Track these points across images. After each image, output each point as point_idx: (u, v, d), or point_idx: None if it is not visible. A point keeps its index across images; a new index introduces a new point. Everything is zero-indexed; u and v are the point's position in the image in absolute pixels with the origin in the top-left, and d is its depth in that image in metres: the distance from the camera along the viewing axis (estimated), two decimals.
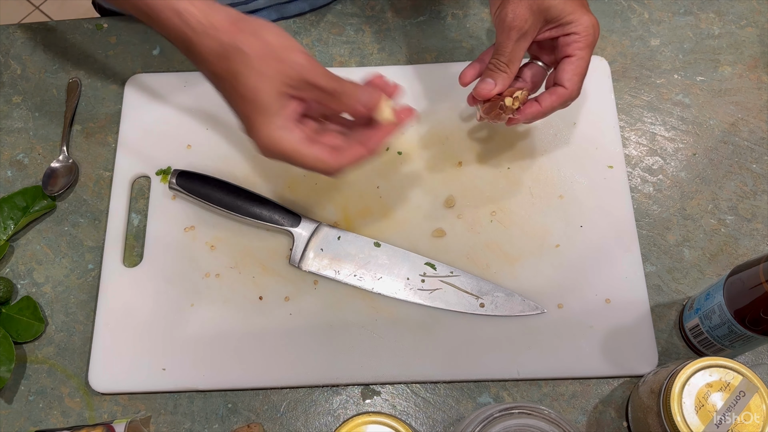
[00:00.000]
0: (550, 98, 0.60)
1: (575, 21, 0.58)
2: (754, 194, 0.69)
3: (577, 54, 0.59)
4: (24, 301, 0.66)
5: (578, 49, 0.59)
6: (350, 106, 0.54)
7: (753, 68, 0.75)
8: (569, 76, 0.59)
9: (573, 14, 0.58)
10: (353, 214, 0.69)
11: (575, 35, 0.59)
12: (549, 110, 0.61)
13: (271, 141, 0.52)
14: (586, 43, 0.59)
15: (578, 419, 0.61)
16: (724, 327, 0.56)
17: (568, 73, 0.59)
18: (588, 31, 0.58)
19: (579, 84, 0.60)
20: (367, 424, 0.50)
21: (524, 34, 0.58)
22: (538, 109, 0.60)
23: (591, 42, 0.59)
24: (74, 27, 0.80)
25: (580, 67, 0.59)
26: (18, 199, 0.70)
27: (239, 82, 0.51)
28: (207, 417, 0.63)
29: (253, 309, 0.65)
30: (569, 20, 0.58)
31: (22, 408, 0.64)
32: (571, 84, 0.59)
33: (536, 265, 0.66)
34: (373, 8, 0.80)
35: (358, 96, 0.53)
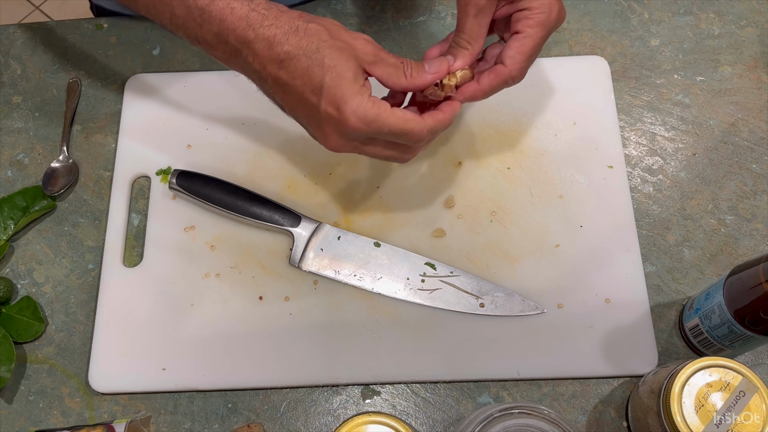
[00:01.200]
0: (489, 77, 0.56)
1: None
2: (754, 194, 0.69)
3: (525, 31, 0.55)
4: (24, 301, 0.66)
5: (527, 26, 0.55)
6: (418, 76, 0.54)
7: (753, 68, 0.75)
8: (511, 53, 0.55)
9: None
10: (353, 214, 0.69)
11: (526, 11, 0.54)
12: (488, 89, 0.57)
13: (365, 106, 0.51)
14: (537, 21, 0.54)
15: (578, 419, 0.61)
16: (724, 327, 0.56)
17: (511, 50, 0.55)
18: (542, 8, 0.54)
19: (521, 63, 0.55)
20: (367, 424, 0.50)
21: (481, 9, 0.55)
22: (475, 87, 0.56)
23: (543, 20, 0.55)
24: (74, 27, 0.80)
25: (525, 46, 0.55)
26: (18, 199, 0.70)
27: (321, 53, 0.50)
28: (207, 417, 0.63)
29: (253, 309, 0.65)
30: None
31: (22, 408, 0.64)
32: (512, 62, 0.55)
33: (536, 265, 0.66)
34: (373, 8, 0.80)
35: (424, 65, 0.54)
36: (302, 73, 0.51)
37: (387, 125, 0.51)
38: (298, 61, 0.51)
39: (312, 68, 0.50)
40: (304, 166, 0.71)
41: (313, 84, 0.51)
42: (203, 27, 0.52)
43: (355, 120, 0.51)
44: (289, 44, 0.50)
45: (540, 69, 0.74)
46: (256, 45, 0.51)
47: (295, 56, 0.50)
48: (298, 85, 0.51)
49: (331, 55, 0.50)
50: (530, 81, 0.73)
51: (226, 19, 0.51)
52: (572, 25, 0.78)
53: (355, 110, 0.50)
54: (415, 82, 0.54)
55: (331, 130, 0.53)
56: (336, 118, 0.51)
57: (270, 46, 0.51)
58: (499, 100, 0.69)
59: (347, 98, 0.50)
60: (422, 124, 0.53)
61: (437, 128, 0.54)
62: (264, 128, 0.73)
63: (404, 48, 0.77)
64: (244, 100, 0.74)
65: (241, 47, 0.52)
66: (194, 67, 0.77)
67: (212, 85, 0.75)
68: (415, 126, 0.52)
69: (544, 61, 0.75)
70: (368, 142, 0.54)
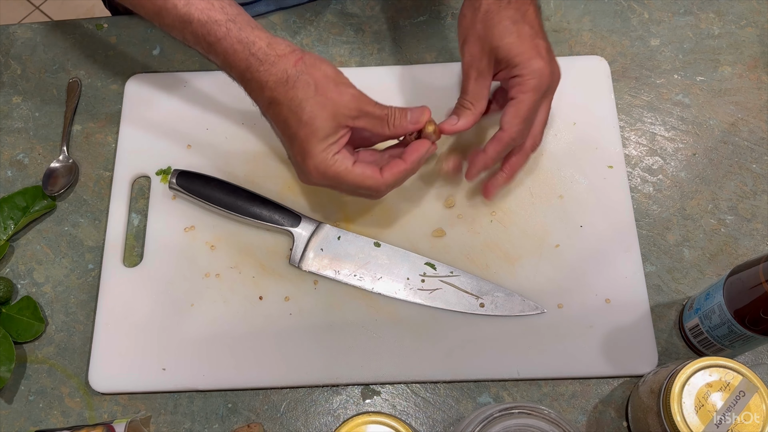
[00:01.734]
0: (492, 145, 0.60)
1: (521, 64, 0.57)
2: (754, 194, 0.69)
3: (518, 97, 0.58)
4: (24, 301, 0.66)
5: (520, 92, 0.58)
6: (400, 126, 0.58)
7: (753, 68, 0.75)
8: (508, 118, 0.59)
9: (520, 56, 0.57)
10: (353, 214, 0.69)
11: (519, 78, 0.58)
12: (495, 156, 0.61)
13: (326, 164, 0.56)
14: (529, 87, 0.58)
15: (578, 419, 0.61)
16: (724, 327, 0.56)
17: (507, 116, 0.59)
18: (533, 75, 0.57)
19: (518, 127, 0.59)
20: (367, 424, 0.50)
21: (481, 73, 0.59)
22: (483, 156, 0.61)
23: (535, 86, 0.58)
24: (74, 27, 0.80)
25: (520, 111, 0.58)
26: (18, 199, 0.70)
27: (301, 108, 0.55)
28: (207, 417, 0.63)
29: (253, 309, 0.65)
30: (515, 63, 0.58)
31: (22, 408, 0.64)
32: (509, 127, 0.59)
33: (536, 265, 0.66)
34: (373, 8, 0.80)
35: (406, 114, 0.58)
36: (283, 120, 0.57)
37: (345, 182, 0.58)
38: (281, 109, 0.56)
39: (290, 120, 0.56)
40: None
41: (289, 133, 0.57)
42: (210, 56, 0.59)
43: (316, 174, 0.57)
44: (277, 92, 0.56)
45: None
46: (252, 84, 0.57)
47: (280, 104, 0.56)
48: (280, 128, 0.58)
49: (309, 111, 0.55)
50: None
51: (228, 58, 0.57)
52: (572, 25, 0.78)
53: (317, 166, 0.57)
54: (396, 132, 0.59)
55: (299, 172, 0.60)
56: (301, 166, 0.58)
57: (261, 89, 0.57)
58: None
59: (312, 155, 0.56)
60: (379, 181, 0.58)
61: (396, 181, 0.59)
62: (264, 128, 0.73)
63: (404, 48, 0.77)
64: (244, 100, 0.74)
65: (240, 81, 0.58)
66: (194, 67, 0.77)
67: (212, 85, 0.75)
68: (373, 183, 0.58)
69: None
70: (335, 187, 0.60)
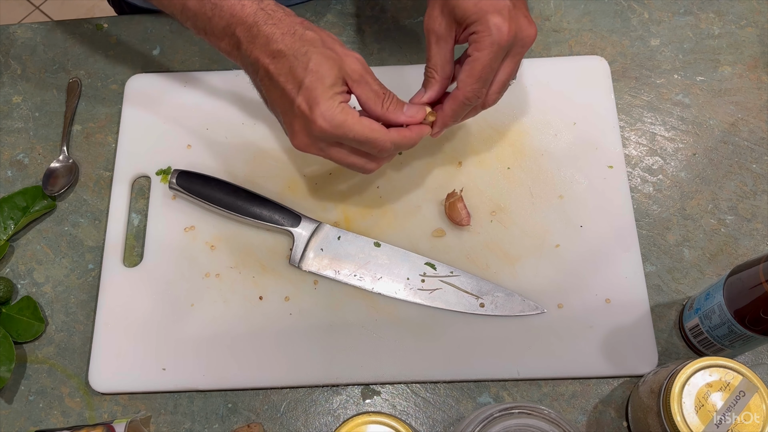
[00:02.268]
0: (448, 103, 0.59)
1: (478, 20, 0.55)
2: (754, 194, 0.69)
3: (473, 54, 0.56)
4: (24, 301, 0.66)
5: (475, 50, 0.56)
6: (393, 112, 0.57)
7: (753, 68, 0.75)
8: (462, 77, 0.57)
9: (477, 14, 0.55)
10: (353, 214, 0.69)
11: (475, 35, 0.55)
12: (450, 114, 0.59)
13: (333, 111, 0.54)
14: (485, 44, 0.55)
15: (578, 419, 0.61)
16: (724, 327, 0.56)
17: (462, 74, 0.57)
18: (488, 31, 0.55)
19: (473, 86, 0.57)
20: (367, 424, 0.50)
21: (440, 36, 0.57)
22: (441, 114, 0.59)
23: (490, 43, 0.55)
24: (74, 27, 0.80)
25: (474, 69, 0.56)
26: (18, 199, 0.70)
27: (308, 57, 0.54)
28: (207, 417, 0.63)
29: (253, 309, 0.65)
30: (473, 20, 0.55)
31: (22, 408, 0.64)
32: (463, 85, 0.57)
33: (536, 265, 0.66)
34: (373, 8, 0.80)
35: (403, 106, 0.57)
36: (287, 70, 0.55)
37: (352, 131, 0.55)
38: (286, 60, 0.55)
39: (296, 68, 0.54)
40: (304, 166, 0.71)
41: (294, 81, 0.55)
42: (213, 20, 0.57)
43: (323, 121, 0.54)
44: (284, 43, 0.55)
45: (540, 69, 0.74)
46: (258, 39, 0.55)
47: (285, 55, 0.55)
48: (282, 80, 0.55)
49: (316, 60, 0.54)
50: (530, 81, 0.73)
51: (236, 14, 0.56)
52: (572, 25, 0.78)
53: (324, 113, 0.54)
54: (388, 116, 0.57)
55: (300, 128, 0.56)
56: (306, 116, 0.55)
57: (267, 42, 0.55)
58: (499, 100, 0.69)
59: (320, 100, 0.54)
60: (387, 136, 0.56)
61: (401, 143, 0.57)
62: (264, 128, 0.73)
63: (404, 48, 0.77)
64: (244, 100, 0.74)
65: (243, 39, 0.56)
66: (194, 67, 0.77)
67: (212, 85, 0.75)
68: (380, 136, 0.56)
69: (544, 61, 0.75)
70: (333, 146, 0.57)
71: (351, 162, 0.59)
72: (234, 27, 0.56)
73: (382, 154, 0.58)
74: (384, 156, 0.59)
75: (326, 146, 0.57)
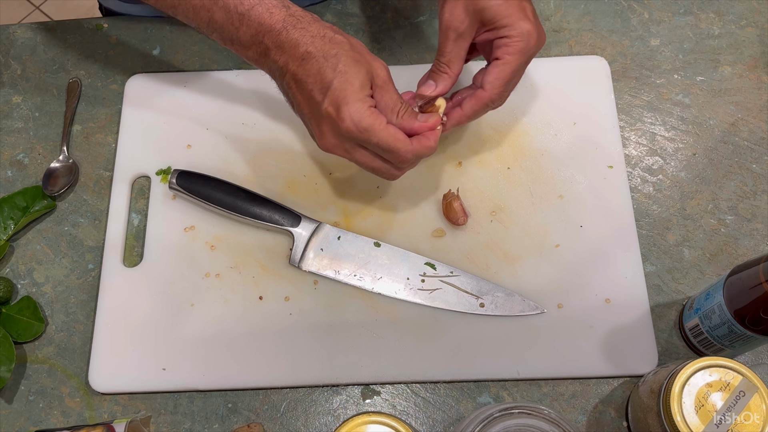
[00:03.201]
0: (470, 102, 0.60)
1: (510, 25, 0.57)
2: (754, 194, 0.69)
3: (504, 58, 0.58)
4: (24, 301, 0.66)
5: (506, 54, 0.57)
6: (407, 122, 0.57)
7: (753, 68, 0.75)
8: (491, 79, 0.58)
9: (508, 18, 0.57)
10: (353, 214, 0.69)
11: (506, 39, 0.57)
12: (471, 114, 0.60)
13: (361, 113, 0.54)
14: (516, 49, 0.57)
15: (578, 419, 0.61)
16: (724, 327, 0.56)
17: (491, 76, 0.58)
18: (521, 37, 0.57)
19: (500, 89, 0.58)
20: (367, 424, 0.51)
21: (461, 34, 0.58)
22: (459, 113, 0.60)
23: (522, 48, 0.57)
24: (74, 27, 0.80)
25: (504, 72, 0.58)
26: (18, 199, 0.70)
27: (337, 58, 0.55)
28: (207, 417, 0.63)
29: (253, 309, 0.65)
30: (503, 24, 0.57)
31: (22, 408, 0.64)
32: (491, 87, 0.58)
33: (536, 265, 0.66)
34: (373, 8, 0.80)
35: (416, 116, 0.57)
36: (315, 72, 0.55)
37: (377, 137, 0.55)
38: (315, 61, 0.55)
39: (325, 69, 0.55)
40: (304, 166, 0.71)
41: (322, 83, 0.55)
42: (240, 30, 0.57)
43: (350, 123, 0.55)
44: (313, 46, 0.55)
45: (540, 69, 0.74)
46: (286, 44, 0.56)
47: (314, 57, 0.55)
48: (310, 82, 0.55)
49: (345, 62, 0.55)
50: (530, 81, 0.74)
51: (264, 22, 0.56)
52: (572, 25, 0.78)
53: (352, 114, 0.54)
54: (402, 124, 0.57)
55: (327, 129, 0.57)
56: (333, 118, 0.55)
57: (296, 45, 0.55)
58: None
59: (348, 101, 0.54)
60: (409, 147, 0.57)
61: (422, 153, 0.58)
62: (264, 128, 0.73)
63: (404, 48, 0.77)
64: (244, 100, 0.74)
65: (272, 46, 0.56)
66: (194, 67, 0.77)
67: (212, 85, 0.75)
68: (403, 146, 0.56)
69: (544, 61, 0.75)
70: (359, 148, 0.58)
71: (376, 167, 0.59)
72: (262, 35, 0.56)
73: (403, 165, 0.58)
74: (405, 166, 0.59)
75: (352, 148, 0.57)
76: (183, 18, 0.60)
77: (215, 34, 0.59)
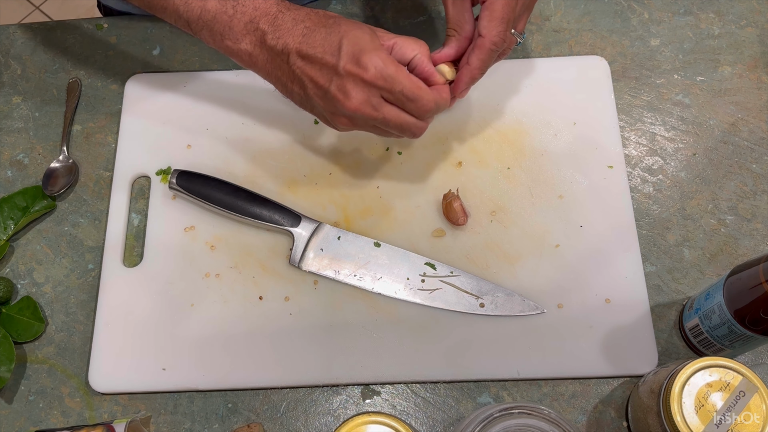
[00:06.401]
0: (474, 53, 0.58)
1: None
2: (754, 194, 0.69)
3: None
4: (24, 301, 0.66)
5: None
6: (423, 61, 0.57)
7: (753, 68, 0.75)
8: (485, 22, 0.57)
9: None
10: (353, 214, 0.69)
11: None
12: (480, 65, 0.59)
13: (384, 61, 0.54)
14: None
15: (578, 419, 0.61)
16: (724, 327, 0.56)
17: (484, 20, 0.57)
18: None
19: (497, 29, 0.57)
20: (367, 424, 0.50)
21: None
22: (468, 69, 0.59)
23: None
24: (74, 27, 0.80)
25: (495, 11, 0.56)
26: (18, 199, 0.70)
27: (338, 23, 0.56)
28: (207, 417, 0.63)
29: (253, 309, 0.65)
30: None
31: (22, 408, 0.64)
32: (487, 30, 0.57)
33: (536, 265, 0.66)
34: (373, 8, 0.80)
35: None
36: (321, 40, 0.55)
37: (401, 84, 0.54)
38: (317, 33, 0.56)
39: (330, 35, 0.55)
40: (304, 166, 0.71)
41: (332, 47, 0.55)
42: (234, 18, 0.57)
43: (374, 71, 0.54)
44: (310, 21, 0.56)
45: (540, 69, 0.74)
46: (284, 25, 0.56)
47: (315, 29, 0.56)
48: (319, 51, 0.55)
49: (347, 24, 0.56)
50: (530, 81, 0.74)
51: (260, 6, 0.57)
52: (572, 25, 0.78)
53: (374, 62, 0.54)
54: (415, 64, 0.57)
55: (351, 86, 0.55)
56: (355, 72, 0.54)
57: (293, 24, 0.56)
58: (499, 100, 0.69)
59: (366, 51, 0.54)
60: (431, 95, 0.56)
61: (441, 105, 0.58)
62: (264, 128, 0.73)
63: None
64: (244, 100, 0.74)
65: (268, 30, 0.57)
66: (194, 67, 0.77)
67: (212, 85, 0.75)
68: (426, 94, 0.56)
69: (544, 61, 0.75)
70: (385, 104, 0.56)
71: (403, 121, 0.57)
72: (258, 20, 0.57)
73: (426, 114, 0.57)
74: (427, 117, 0.58)
75: (379, 103, 0.56)
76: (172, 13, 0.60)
77: (205, 29, 0.59)
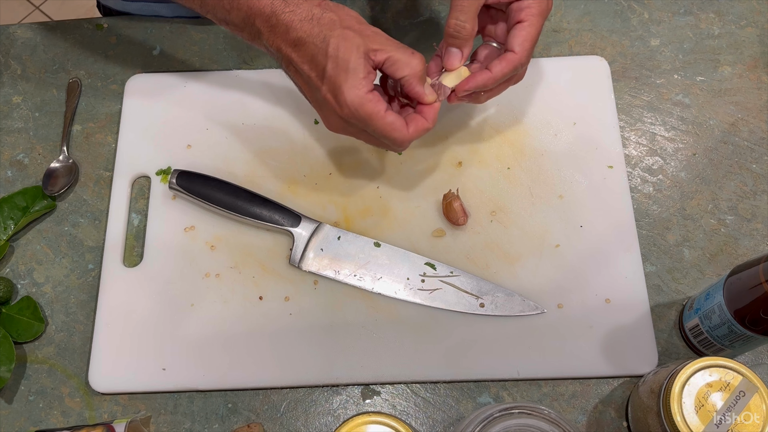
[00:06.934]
0: (500, 64, 0.60)
1: None
2: (754, 194, 0.69)
3: (529, 20, 0.59)
4: (24, 301, 0.66)
5: (531, 15, 0.59)
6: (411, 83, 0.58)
7: (753, 68, 0.75)
8: (520, 41, 0.59)
9: None
10: (353, 214, 0.69)
11: (527, 1, 0.59)
12: (499, 76, 0.60)
13: (360, 100, 0.55)
14: (539, 10, 0.59)
15: (578, 419, 0.61)
16: (724, 327, 0.56)
17: (519, 38, 0.59)
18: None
19: (529, 50, 0.60)
20: (367, 424, 0.50)
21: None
22: (488, 75, 0.60)
23: (543, 9, 0.59)
24: (74, 27, 0.80)
25: (531, 34, 0.59)
26: (18, 199, 0.70)
27: (326, 42, 0.55)
28: (207, 417, 0.63)
29: (253, 309, 0.65)
30: None
31: (22, 408, 0.64)
32: (521, 49, 0.59)
33: (536, 265, 0.66)
34: (373, 8, 0.80)
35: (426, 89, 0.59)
36: (310, 57, 0.56)
37: (374, 126, 0.57)
38: (307, 47, 0.56)
39: (317, 56, 0.56)
40: (304, 166, 0.71)
41: (317, 69, 0.56)
42: (232, 12, 0.58)
43: (348, 111, 0.56)
44: (302, 30, 0.56)
45: (540, 69, 0.74)
46: (278, 29, 0.57)
47: (305, 42, 0.56)
48: (306, 68, 0.57)
49: (334, 44, 0.55)
50: (530, 81, 0.73)
51: (253, 6, 0.57)
52: (572, 25, 0.78)
53: (352, 101, 0.55)
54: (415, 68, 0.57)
55: (329, 113, 0.59)
56: (332, 104, 0.57)
57: (287, 30, 0.56)
58: (499, 100, 0.69)
59: (344, 89, 0.55)
60: (405, 134, 0.58)
61: (419, 136, 0.59)
62: (264, 128, 0.73)
63: None
64: (244, 100, 0.74)
65: (264, 30, 0.57)
66: (194, 67, 0.77)
67: (212, 85, 0.75)
68: (399, 135, 0.58)
69: (544, 61, 0.75)
70: (362, 132, 0.59)
71: (381, 145, 0.61)
72: (253, 18, 0.57)
73: (400, 149, 0.61)
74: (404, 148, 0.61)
75: (357, 131, 0.59)
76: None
77: (209, 14, 0.61)
